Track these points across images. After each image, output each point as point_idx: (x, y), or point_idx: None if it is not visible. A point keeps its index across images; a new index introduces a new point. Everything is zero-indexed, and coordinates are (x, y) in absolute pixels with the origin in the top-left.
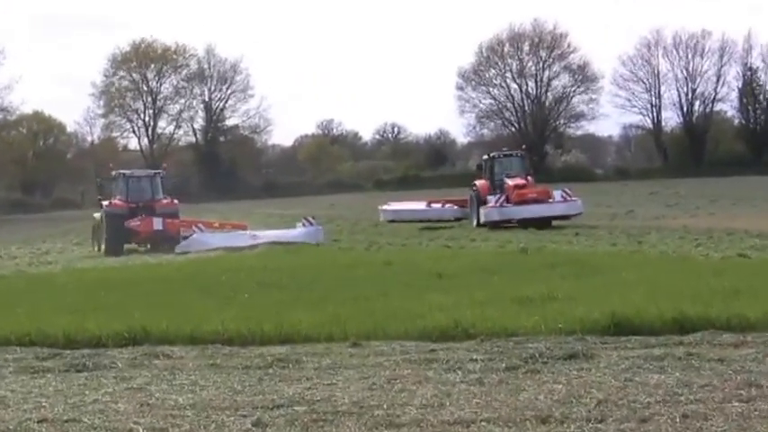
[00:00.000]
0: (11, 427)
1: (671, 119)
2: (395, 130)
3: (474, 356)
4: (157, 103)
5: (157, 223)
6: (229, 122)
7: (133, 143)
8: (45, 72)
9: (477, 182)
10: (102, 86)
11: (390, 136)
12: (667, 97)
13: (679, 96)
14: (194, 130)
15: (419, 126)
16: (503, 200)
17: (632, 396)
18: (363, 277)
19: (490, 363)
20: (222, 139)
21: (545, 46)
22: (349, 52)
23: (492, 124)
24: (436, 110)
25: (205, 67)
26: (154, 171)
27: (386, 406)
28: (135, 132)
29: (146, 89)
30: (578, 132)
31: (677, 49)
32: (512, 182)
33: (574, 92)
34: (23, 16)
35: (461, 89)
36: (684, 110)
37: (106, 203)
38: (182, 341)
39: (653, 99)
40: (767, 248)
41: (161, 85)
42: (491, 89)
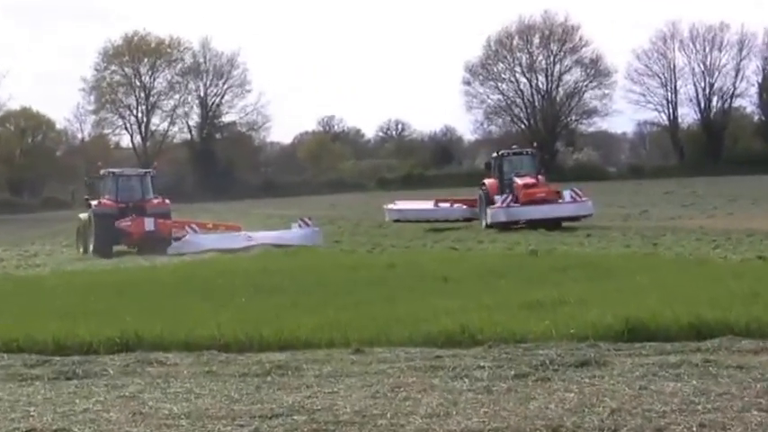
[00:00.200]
0: None
1: (687, 115)
2: (399, 126)
3: (481, 363)
4: (151, 99)
5: (149, 224)
6: (226, 119)
7: (125, 140)
8: (33, 66)
9: (487, 181)
10: (93, 81)
11: (394, 133)
12: (684, 92)
13: (696, 91)
14: (189, 126)
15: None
16: (509, 200)
17: (647, 405)
18: (366, 280)
19: (498, 370)
20: (218, 136)
21: (556, 39)
22: (351, 45)
23: (500, 121)
24: (442, 106)
25: (200, 60)
26: (144, 170)
27: (389, 415)
28: (127, 129)
29: (138, 84)
30: (591, 129)
31: (694, 43)
32: (521, 181)
33: (586, 87)
34: (8, 7)
35: (468, 84)
36: (702, 106)
37: (95, 203)
38: (176, 347)
39: (669, 94)
40: None
41: (154, 80)
42: (499, 84)
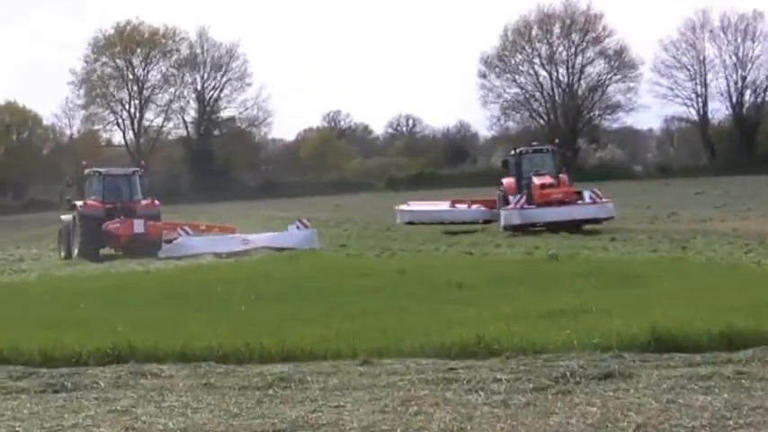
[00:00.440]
0: None
1: (718, 110)
2: (409, 122)
3: (498, 376)
4: (144, 93)
5: (138, 226)
6: (224, 114)
7: (117, 137)
8: (18, 58)
9: (505, 180)
10: (83, 74)
11: (404, 129)
12: (714, 86)
13: (728, 85)
14: (185, 122)
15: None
16: (523, 201)
17: (675, 420)
18: (374, 287)
19: (516, 383)
20: (216, 132)
21: (577, 28)
22: (359, 35)
23: (518, 116)
24: (456, 100)
25: (197, 52)
26: (132, 169)
27: (399, 431)
28: (119, 125)
29: (131, 77)
30: (615, 125)
31: (725, 33)
32: (538, 181)
33: (610, 80)
34: None
35: (484, 77)
36: (734, 100)
37: (80, 204)
38: (171, 358)
39: (698, 88)
40: None
41: (148, 73)
42: (517, 77)
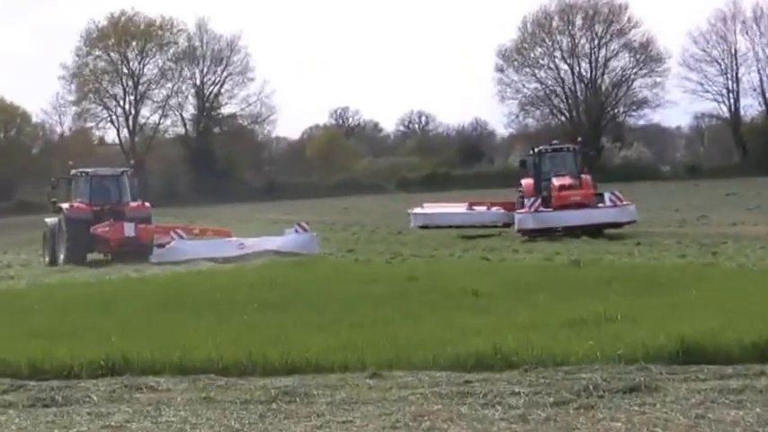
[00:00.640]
0: None
1: (751, 106)
2: (422, 120)
3: (516, 389)
4: (139, 88)
5: (129, 229)
6: (225, 111)
7: (111, 135)
8: (5, 51)
9: (524, 181)
10: (74, 68)
11: (417, 127)
12: (747, 81)
13: (761, 79)
14: (183, 119)
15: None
16: (538, 204)
17: None
18: (384, 295)
19: (536, 397)
20: (217, 130)
21: (601, 19)
22: (367, 27)
23: (538, 113)
24: (471, 96)
25: (196, 44)
26: (121, 169)
27: None
28: (113, 122)
29: (126, 71)
30: (641, 122)
31: (758, 24)
32: (558, 182)
33: (635, 74)
34: None
35: (502, 71)
36: (767, 96)
37: (66, 206)
38: (168, 371)
39: (729, 83)
40: None
41: (144, 67)
42: (537, 71)
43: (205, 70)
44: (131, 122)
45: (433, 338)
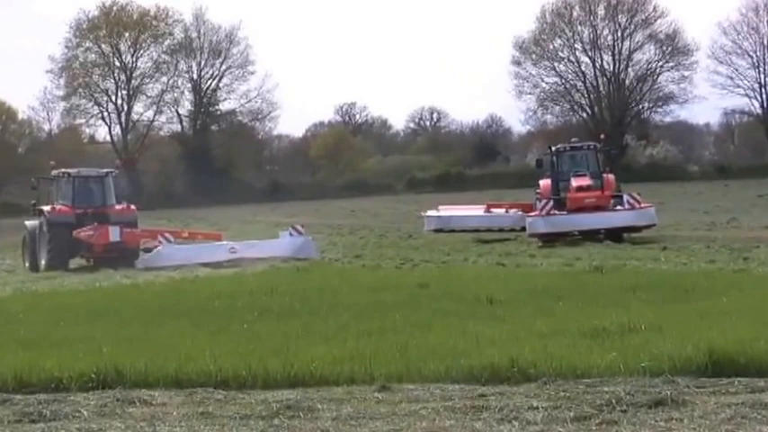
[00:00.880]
0: None
1: None
2: (433, 116)
3: (534, 403)
4: (133, 82)
5: (114, 233)
6: (224, 107)
7: (102, 133)
8: None
9: (542, 182)
10: (63, 61)
11: (428, 124)
12: None
13: None
14: (179, 116)
15: (464, 112)
16: (550, 207)
17: None
18: (393, 303)
19: (555, 411)
20: (215, 127)
21: (625, 9)
22: (375, 18)
23: (557, 109)
24: (486, 91)
25: (193, 36)
26: (105, 170)
27: None
28: (104, 119)
29: (118, 64)
30: (667, 119)
31: None
32: (576, 182)
33: (661, 68)
34: None
35: (518, 64)
36: None
37: (47, 209)
38: (163, 383)
39: (762, 77)
40: None
41: (137, 60)
42: (556, 64)
43: (202, 63)
44: (124, 119)
45: (445, 349)
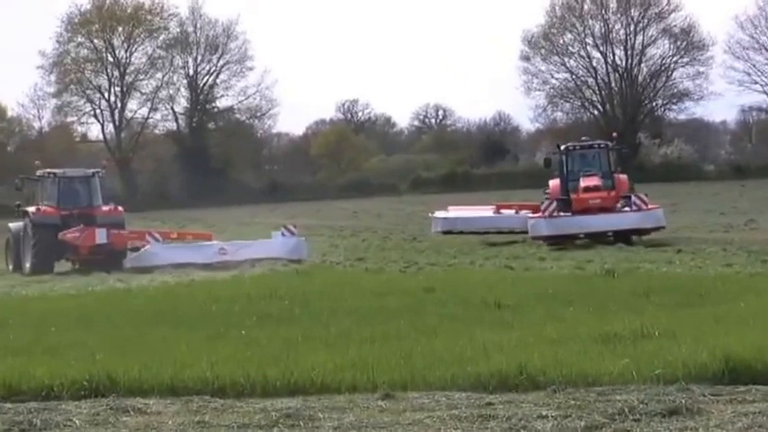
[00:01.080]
0: None
1: None
2: (439, 114)
3: (543, 412)
4: (126, 79)
5: (100, 235)
6: (221, 104)
7: (95, 131)
8: None
9: (551, 182)
10: (54, 56)
11: (433, 122)
12: None
13: None
14: (175, 113)
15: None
16: (553, 208)
17: None
18: (397, 308)
19: (565, 421)
20: (212, 125)
21: (637, 2)
22: (378, 12)
23: (568, 106)
24: (493, 88)
25: (189, 30)
26: (91, 170)
27: None
28: (97, 117)
29: (111, 60)
30: (682, 117)
31: None
32: (584, 182)
33: (675, 63)
34: None
35: (527, 60)
36: None
37: (32, 210)
38: (158, 392)
39: None
40: None
41: (131, 55)
42: (567, 60)
43: (199, 59)
44: (117, 117)
45: (451, 356)
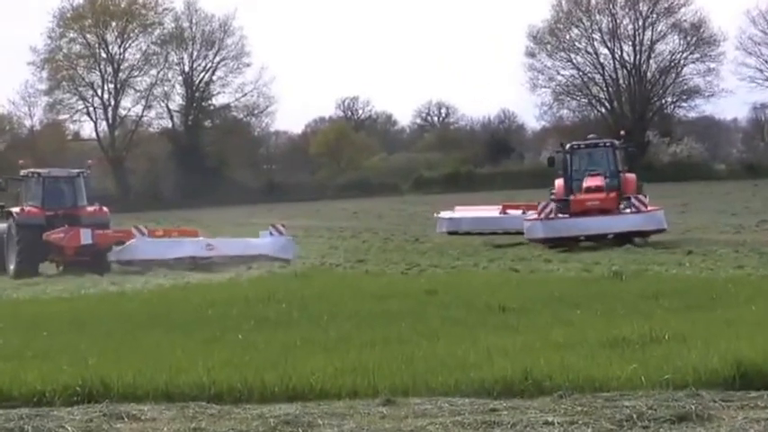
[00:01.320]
0: None
1: None
2: (441, 111)
3: (550, 418)
4: (120, 75)
5: (85, 236)
6: (217, 101)
7: (87, 129)
8: None
9: (557, 181)
10: (46, 52)
11: (436, 120)
12: None
13: None
14: (170, 111)
15: (474, 107)
16: (549, 209)
17: None
18: (399, 311)
19: (572, 427)
20: (208, 123)
21: None
22: (379, 7)
23: (574, 103)
24: (498, 85)
25: (185, 25)
26: (76, 170)
27: None
28: (90, 114)
29: (104, 56)
30: (692, 114)
31: None
32: (586, 182)
33: (685, 59)
34: None
35: (533, 56)
36: None
37: (16, 211)
38: (153, 397)
39: None
40: None
41: (125, 51)
42: (573, 56)
43: (194, 55)
44: (110, 114)
45: (454, 360)
